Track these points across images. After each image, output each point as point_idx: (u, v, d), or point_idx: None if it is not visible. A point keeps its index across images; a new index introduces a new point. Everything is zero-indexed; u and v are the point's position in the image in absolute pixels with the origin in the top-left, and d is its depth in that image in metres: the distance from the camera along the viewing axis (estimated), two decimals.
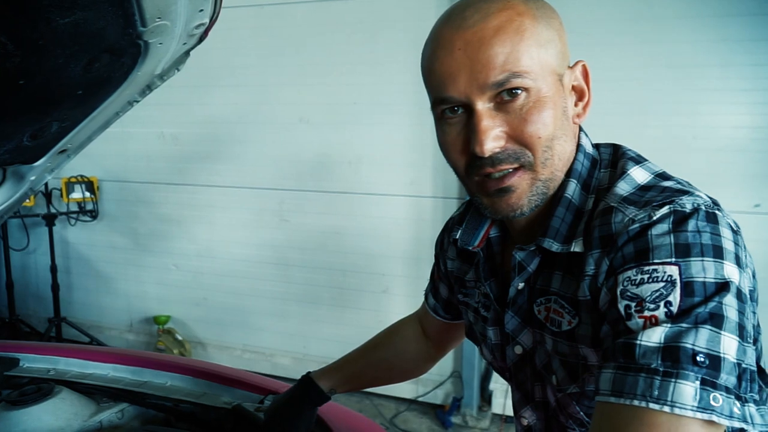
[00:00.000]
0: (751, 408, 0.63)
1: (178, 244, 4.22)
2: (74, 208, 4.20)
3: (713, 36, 2.85)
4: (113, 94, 1.28)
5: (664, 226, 0.69)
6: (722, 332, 0.63)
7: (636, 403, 0.62)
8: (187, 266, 4.23)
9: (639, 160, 0.83)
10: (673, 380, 0.61)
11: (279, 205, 3.89)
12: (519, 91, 0.75)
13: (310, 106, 3.69)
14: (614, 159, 0.85)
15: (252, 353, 4.12)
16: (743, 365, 0.64)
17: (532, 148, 0.77)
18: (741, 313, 0.66)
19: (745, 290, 0.69)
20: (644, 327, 0.65)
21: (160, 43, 1.19)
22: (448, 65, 0.76)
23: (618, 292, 0.70)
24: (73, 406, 1.37)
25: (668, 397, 0.61)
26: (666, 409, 0.60)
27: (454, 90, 0.76)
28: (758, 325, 0.84)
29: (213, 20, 1.26)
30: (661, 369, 0.62)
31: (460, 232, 0.99)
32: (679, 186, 0.76)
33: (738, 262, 0.68)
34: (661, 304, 0.65)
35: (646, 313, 0.66)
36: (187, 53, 1.34)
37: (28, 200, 3.93)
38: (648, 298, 0.66)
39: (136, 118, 4.08)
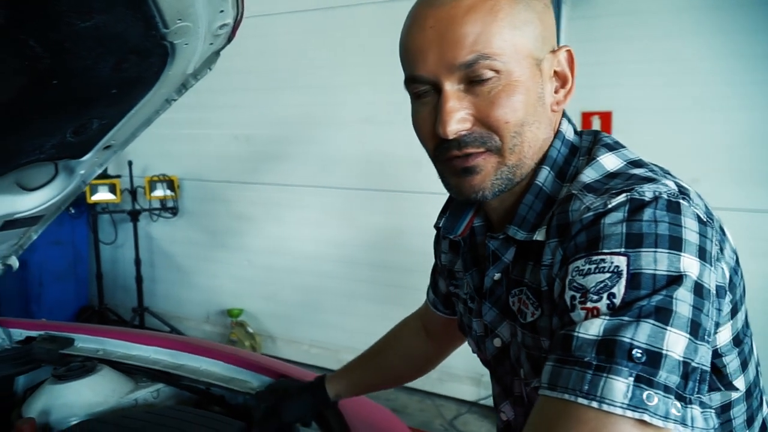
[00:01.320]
0: (695, 410, 0.59)
1: (250, 241, 4.39)
2: (156, 205, 4.46)
3: None
4: (148, 92, 1.36)
5: (618, 215, 0.66)
6: (668, 328, 0.59)
7: (566, 396, 0.59)
8: (259, 262, 4.39)
9: (613, 147, 0.79)
10: (604, 375, 0.58)
11: (345, 204, 3.96)
12: (488, 74, 0.73)
13: (376, 105, 3.73)
14: (591, 146, 0.82)
15: (319, 348, 4.22)
16: (693, 364, 0.59)
17: (499, 132, 0.75)
18: (697, 309, 0.61)
19: (709, 285, 0.64)
20: (585, 319, 0.62)
21: (186, 44, 1.26)
22: (419, 42, 0.75)
23: (567, 282, 0.67)
24: (112, 383, 1.47)
25: (598, 392, 0.57)
26: (594, 404, 0.57)
27: (423, 68, 0.75)
28: (746, 326, 0.79)
29: (237, 21, 1.32)
30: (594, 363, 0.59)
31: (443, 220, 0.97)
32: (649, 174, 0.72)
33: (702, 255, 0.64)
34: (605, 295, 0.62)
35: (589, 305, 0.63)
36: (217, 53, 1.41)
37: (115, 197, 4.23)
38: (592, 289, 0.63)
39: (213, 120, 4.31)
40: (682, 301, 0.60)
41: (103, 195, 4.27)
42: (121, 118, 1.41)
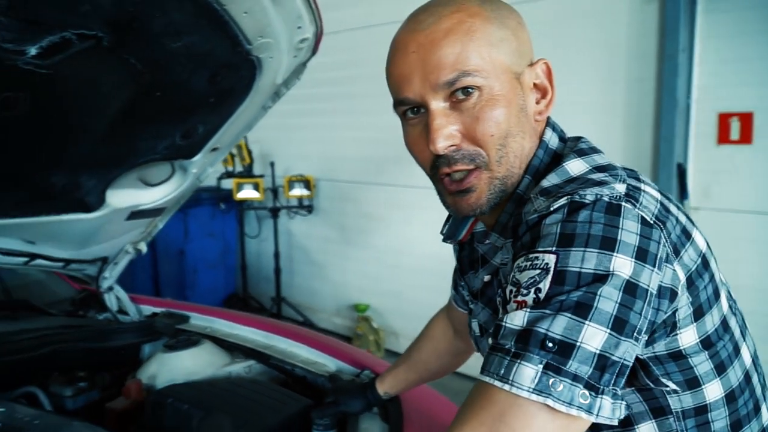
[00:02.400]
0: (605, 400, 0.62)
1: (379, 240, 4.58)
2: (294, 203, 4.81)
3: None
4: (244, 101, 1.54)
5: (557, 216, 0.69)
6: (586, 322, 0.62)
7: (487, 379, 0.65)
8: (385, 260, 4.57)
9: (584, 153, 0.81)
10: (518, 361, 0.62)
11: None
12: (471, 90, 0.77)
13: None
14: (564, 152, 0.84)
15: None
16: (613, 358, 0.63)
17: (485, 146, 0.79)
18: (624, 306, 0.64)
19: (647, 286, 0.66)
20: (515, 310, 0.67)
21: (271, 57, 1.42)
22: (403, 67, 0.79)
23: (509, 278, 0.72)
24: (211, 356, 1.68)
25: (510, 376, 0.62)
26: (506, 387, 0.62)
27: (410, 91, 0.79)
28: (724, 330, 0.78)
29: (318, 34, 1.46)
30: (513, 350, 0.64)
31: (447, 226, 1.02)
32: (605, 178, 0.73)
33: (641, 256, 0.66)
34: (533, 290, 0.66)
35: (519, 298, 0.67)
36: (303, 64, 1.55)
37: (258, 195, 4.62)
38: (524, 283, 0.68)
39: (348, 124, 4.56)
40: (606, 298, 0.63)
41: (248, 193, 4.68)
42: (223, 124, 1.60)
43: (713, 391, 0.77)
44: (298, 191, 4.67)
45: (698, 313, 0.75)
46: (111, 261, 1.94)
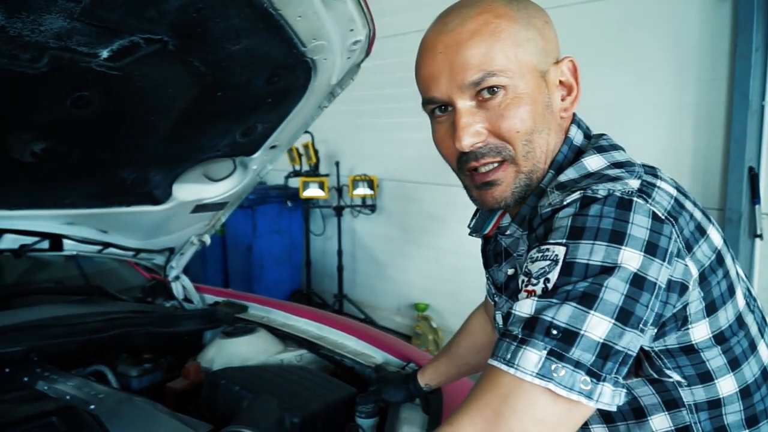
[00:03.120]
0: (606, 387, 0.64)
1: (439, 240, 4.60)
2: (358, 202, 4.89)
3: None
4: (300, 101, 1.62)
5: (569, 210, 0.72)
6: (591, 312, 0.65)
7: (495, 363, 0.68)
8: (445, 261, 4.59)
9: (603, 149, 0.82)
10: (523, 347, 0.66)
11: None
12: (497, 89, 0.79)
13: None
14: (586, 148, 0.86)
15: None
16: (616, 347, 0.65)
17: (512, 141, 0.82)
18: (630, 298, 0.65)
19: (655, 279, 0.67)
20: (525, 299, 0.70)
21: (325, 59, 1.49)
22: (431, 68, 0.83)
23: (523, 268, 0.74)
24: (265, 344, 1.76)
25: (515, 361, 0.65)
26: (511, 371, 0.65)
27: (437, 91, 0.83)
28: (739, 326, 0.78)
29: (371, 36, 1.51)
30: (519, 336, 0.67)
31: (474, 220, 1.05)
32: (620, 173, 0.75)
33: (651, 250, 0.67)
34: (542, 280, 0.69)
35: (530, 287, 0.70)
36: (357, 65, 1.61)
37: (323, 193, 4.73)
38: (534, 274, 0.70)
39: (413, 124, 4.60)
40: (613, 289, 0.65)
41: (313, 191, 4.80)
42: (281, 122, 1.68)
43: (727, 385, 0.78)
44: (362, 190, 4.76)
45: (711, 309, 0.75)
46: (177, 251, 2.06)
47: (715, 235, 0.78)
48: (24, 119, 1.26)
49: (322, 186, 4.81)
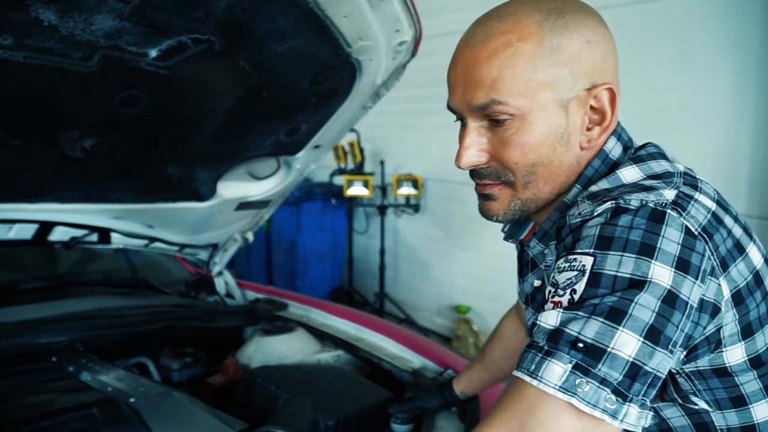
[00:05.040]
0: (632, 408, 0.61)
1: (482, 242, 4.55)
2: (401, 201, 4.88)
3: None
4: (344, 101, 1.61)
5: (599, 220, 0.69)
6: (620, 328, 0.62)
7: (519, 374, 0.66)
8: (488, 263, 4.53)
9: (641, 160, 0.78)
10: (548, 359, 0.63)
11: None
12: (502, 116, 0.77)
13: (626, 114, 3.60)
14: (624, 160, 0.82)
15: None
16: (646, 368, 0.62)
17: (512, 171, 0.80)
18: (662, 316, 0.62)
19: (688, 298, 0.64)
20: (551, 310, 0.67)
21: (370, 59, 1.48)
22: (452, 78, 0.82)
23: (550, 279, 0.72)
24: (303, 343, 1.77)
25: (540, 372, 0.63)
26: (534, 383, 0.63)
27: (454, 102, 0.82)
28: None
29: (417, 37, 1.49)
30: (545, 348, 0.65)
31: (508, 226, 1.01)
32: (656, 184, 0.72)
33: (682, 266, 0.64)
34: (568, 291, 0.66)
35: (556, 299, 0.68)
36: (403, 66, 1.59)
37: (367, 192, 4.74)
38: (561, 284, 0.68)
39: (457, 125, 4.56)
40: (644, 306, 0.62)
41: (357, 190, 4.81)
42: (325, 123, 1.68)
43: (762, 411, 0.74)
44: (406, 190, 4.74)
45: (747, 332, 0.72)
46: (221, 248, 2.08)
47: (755, 253, 0.74)
48: (75, 116, 1.30)
49: (366, 184, 4.81)
